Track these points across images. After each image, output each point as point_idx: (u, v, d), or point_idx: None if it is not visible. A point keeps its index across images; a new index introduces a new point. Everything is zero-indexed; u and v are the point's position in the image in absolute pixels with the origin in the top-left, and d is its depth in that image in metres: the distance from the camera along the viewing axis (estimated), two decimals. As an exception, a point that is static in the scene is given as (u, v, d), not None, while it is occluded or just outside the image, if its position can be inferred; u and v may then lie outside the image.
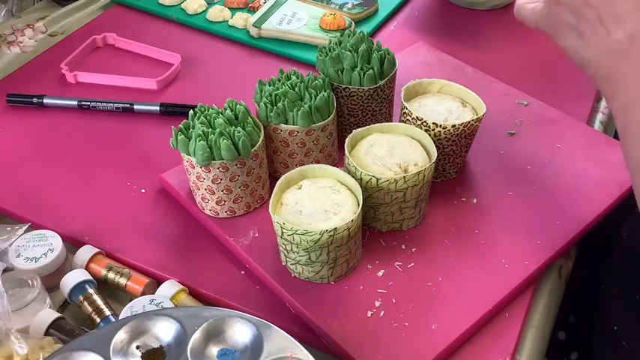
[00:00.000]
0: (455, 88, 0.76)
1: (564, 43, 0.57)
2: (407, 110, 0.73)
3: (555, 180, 0.76)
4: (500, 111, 0.85)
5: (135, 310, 0.61)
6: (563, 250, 0.70)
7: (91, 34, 1.00)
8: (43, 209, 0.75)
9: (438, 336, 0.61)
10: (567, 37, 0.56)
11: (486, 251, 0.69)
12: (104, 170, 0.80)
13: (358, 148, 0.70)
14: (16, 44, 1.00)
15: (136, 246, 0.71)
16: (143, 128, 0.86)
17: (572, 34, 0.56)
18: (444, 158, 0.74)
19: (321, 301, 0.64)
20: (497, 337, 0.63)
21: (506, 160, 0.79)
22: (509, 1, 1.08)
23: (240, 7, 1.06)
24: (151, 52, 0.98)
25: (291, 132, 0.71)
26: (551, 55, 0.98)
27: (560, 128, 0.83)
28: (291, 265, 0.66)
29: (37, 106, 0.88)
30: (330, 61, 0.75)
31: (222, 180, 0.68)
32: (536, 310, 0.67)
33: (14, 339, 0.58)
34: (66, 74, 0.93)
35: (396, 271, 0.67)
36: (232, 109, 0.70)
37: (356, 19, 1.03)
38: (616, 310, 0.78)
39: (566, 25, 0.56)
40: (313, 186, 0.66)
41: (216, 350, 0.56)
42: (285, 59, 0.98)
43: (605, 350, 0.80)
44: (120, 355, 0.55)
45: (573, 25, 0.55)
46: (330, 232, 0.60)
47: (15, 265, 0.66)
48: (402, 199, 0.67)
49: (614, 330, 0.76)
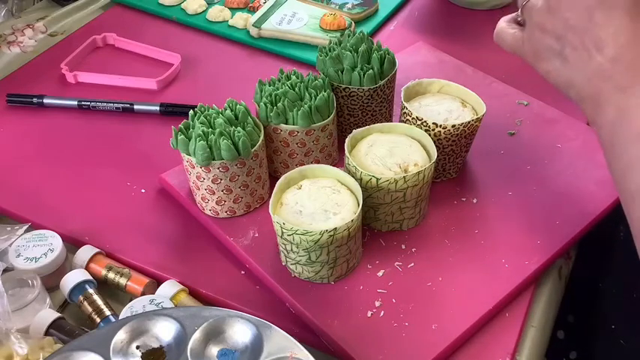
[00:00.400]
0: (455, 88, 0.76)
1: (546, 67, 0.59)
2: (407, 110, 0.73)
3: (555, 180, 0.76)
4: (500, 111, 0.85)
5: (135, 310, 0.61)
6: (563, 250, 0.70)
7: (91, 34, 1.00)
8: (43, 209, 0.75)
9: (438, 336, 0.61)
10: (550, 61, 0.58)
11: (486, 251, 0.69)
12: (104, 170, 0.80)
13: (358, 148, 0.70)
14: (16, 44, 1.00)
15: (136, 246, 0.71)
16: (143, 128, 0.86)
17: (555, 59, 0.57)
18: (444, 158, 0.74)
19: (321, 301, 0.64)
20: (497, 337, 0.63)
21: (506, 160, 0.79)
22: (509, 1, 1.08)
23: (240, 7, 1.06)
24: (151, 52, 0.98)
25: (291, 132, 0.71)
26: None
27: (560, 128, 0.83)
28: (291, 265, 0.66)
29: (37, 106, 0.88)
30: (330, 61, 0.75)
31: (222, 180, 0.68)
32: (536, 310, 0.67)
33: (14, 339, 0.58)
34: (66, 74, 0.93)
35: (396, 271, 0.67)
36: (232, 109, 0.70)
37: (356, 19, 1.03)
38: (614, 309, 0.78)
39: (549, 50, 0.57)
40: (313, 186, 0.66)
41: (216, 350, 0.56)
42: (285, 59, 0.98)
43: (604, 349, 0.80)
44: (120, 355, 0.55)
45: (557, 49, 0.56)
46: (330, 232, 0.60)
47: (15, 265, 0.66)
48: (402, 199, 0.67)
49: (612, 329, 0.77)
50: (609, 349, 0.78)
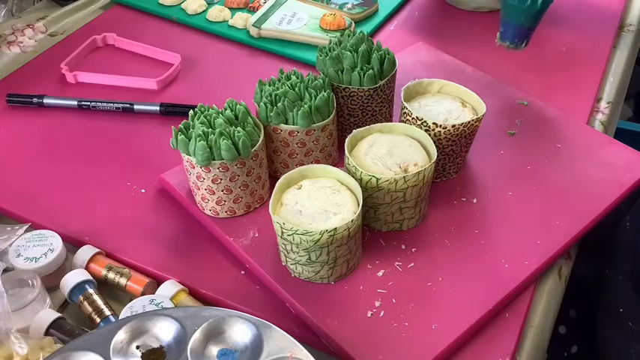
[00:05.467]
0: (455, 88, 0.76)
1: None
2: (407, 110, 0.73)
3: (555, 180, 0.76)
4: (500, 111, 0.85)
5: (135, 310, 0.61)
6: (563, 250, 0.70)
7: (91, 34, 1.00)
8: (43, 209, 0.75)
9: (438, 336, 0.61)
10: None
11: (486, 251, 0.69)
12: (104, 170, 0.80)
13: (358, 148, 0.70)
14: (16, 44, 1.00)
15: (136, 246, 0.71)
16: (143, 128, 0.86)
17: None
18: (444, 158, 0.74)
19: (321, 301, 0.64)
20: (497, 337, 0.63)
21: (506, 160, 0.79)
22: (495, 7, 1.08)
23: (240, 7, 1.06)
24: (151, 52, 0.98)
25: (291, 132, 0.71)
26: (551, 55, 0.98)
27: (560, 128, 0.83)
28: (291, 265, 0.66)
29: (37, 106, 0.88)
30: (330, 61, 0.75)
31: (222, 180, 0.68)
32: (536, 310, 0.67)
33: (14, 339, 0.58)
34: (66, 74, 0.93)
35: (396, 271, 0.67)
36: (232, 109, 0.70)
37: (356, 19, 1.03)
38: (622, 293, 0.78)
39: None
40: (313, 186, 0.66)
41: (216, 350, 0.56)
42: (285, 59, 0.98)
43: (611, 334, 0.79)
44: (120, 355, 0.55)
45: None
46: (330, 232, 0.60)
47: (15, 265, 0.66)
48: (402, 199, 0.67)
49: (620, 312, 0.77)
50: (617, 333, 0.78)
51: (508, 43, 0.85)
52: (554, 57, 0.98)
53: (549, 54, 0.97)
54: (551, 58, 0.97)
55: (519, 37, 0.84)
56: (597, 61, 0.98)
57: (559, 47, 1.00)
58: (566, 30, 1.03)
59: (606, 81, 0.95)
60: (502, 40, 0.85)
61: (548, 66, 0.96)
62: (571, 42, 1.01)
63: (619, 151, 0.80)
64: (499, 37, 0.85)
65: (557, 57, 0.98)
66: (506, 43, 0.85)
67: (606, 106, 0.91)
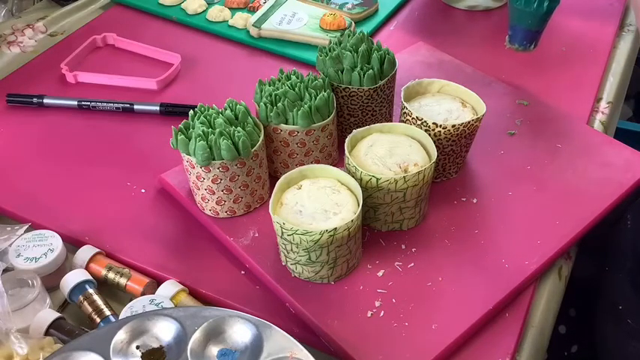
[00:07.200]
0: (455, 88, 0.76)
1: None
2: (407, 110, 0.73)
3: (555, 180, 0.76)
4: (500, 111, 0.85)
5: (135, 310, 0.61)
6: (563, 250, 0.70)
7: (91, 34, 1.00)
8: (43, 209, 0.75)
9: (438, 336, 0.61)
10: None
11: (486, 251, 0.69)
12: (104, 170, 0.80)
13: (358, 148, 0.70)
14: (16, 44, 1.00)
15: (136, 246, 0.71)
16: (143, 128, 0.86)
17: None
18: (444, 158, 0.74)
19: (321, 301, 0.64)
20: (497, 337, 0.63)
21: (506, 160, 0.79)
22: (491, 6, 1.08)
23: (240, 7, 1.06)
24: (150, 52, 0.98)
25: (291, 132, 0.71)
26: (551, 55, 0.98)
27: (560, 128, 0.83)
28: (291, 265, 0.66)
29: (37, 106, 0.88)
30: (330, 61, 0.75)
31: (222, 180, 0.68)
32: (536, 310, 0.67)
33: (14, 339, 0.58)
34: (66, 74, 0.93)
35: (396, 271, 0.67)
36: (232, 109, 0.70)
37: (356, 19, 1.03)
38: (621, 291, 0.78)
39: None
40: (313, 186, 0.66)
41: (216, 350, 0.56)
42: (285, 59, 0.98)
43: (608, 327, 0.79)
44: (120, 355, 0.55)
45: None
46: (330, 232, 0.60)
47: (15, 265, 0.66)
48: (402, 199, 0.67)
49: (619, 310, 0.76)
50: (615, 330, 0.78)
51: (517, 46, 0.85)
52: (554, 57, 0.98)
53: (549, 54, 0.97)
54: (551, 58, 0.97)
55: (528, 39, 0.85)
56: (597, 61, 0.98)
57: (559, 47, 1.00)
58: (566, 30, 1.03)
59: (606, 81, 0.95)
60: (511, 43, 0.86)
61: (548, 66, 0.96)
62: (571, 42, 1.01)
63: (619, 151, 0.80)
64: (508, 40, 0.86)
65: (557, 57, 0.98)
66: (515, 45, 0.86)
67: (606, 106, 0.91)
